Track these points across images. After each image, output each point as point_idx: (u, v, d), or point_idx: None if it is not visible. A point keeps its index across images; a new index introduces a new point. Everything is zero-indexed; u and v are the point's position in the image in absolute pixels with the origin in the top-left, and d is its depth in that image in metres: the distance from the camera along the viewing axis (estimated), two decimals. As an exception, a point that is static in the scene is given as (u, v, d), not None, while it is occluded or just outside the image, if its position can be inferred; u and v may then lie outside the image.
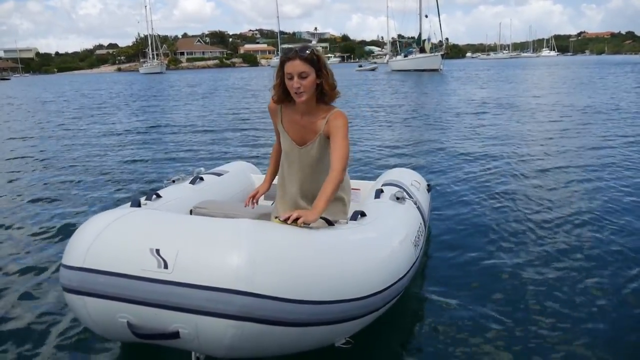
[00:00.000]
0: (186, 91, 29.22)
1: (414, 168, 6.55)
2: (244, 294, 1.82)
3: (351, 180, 4.16)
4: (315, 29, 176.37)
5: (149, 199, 3.04)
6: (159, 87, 34.73)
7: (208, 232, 2.02)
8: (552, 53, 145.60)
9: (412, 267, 2.70)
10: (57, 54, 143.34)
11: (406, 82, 30.99)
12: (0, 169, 7.81)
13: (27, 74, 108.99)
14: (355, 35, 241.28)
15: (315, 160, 2.65)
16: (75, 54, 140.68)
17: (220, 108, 17.63)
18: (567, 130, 10.14)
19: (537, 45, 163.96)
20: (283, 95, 2.55)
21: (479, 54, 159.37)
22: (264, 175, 3.49)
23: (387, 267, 2.41)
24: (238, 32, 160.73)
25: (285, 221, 2.21)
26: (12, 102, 25.31)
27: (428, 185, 4.08)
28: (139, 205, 2.77)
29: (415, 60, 49.43)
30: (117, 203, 5.28)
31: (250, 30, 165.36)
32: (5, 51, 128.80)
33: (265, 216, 3.04)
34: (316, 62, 2.43)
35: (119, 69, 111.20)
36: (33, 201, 5.71)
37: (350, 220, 2.70)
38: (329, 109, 2.58)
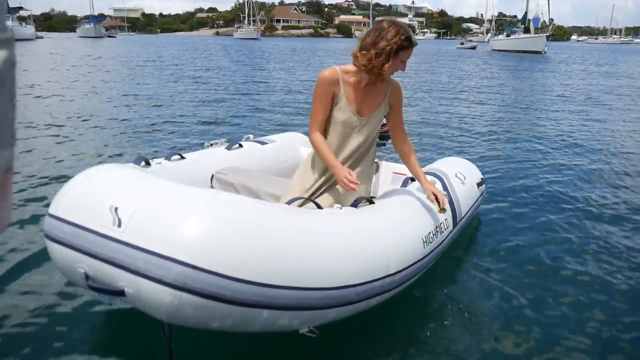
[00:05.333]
0: (291, 57, 29.64)
1: (486, 157, 6.23)
2: (181, 263, 1.78)
3: (399, 165, 3.77)
4: (413, 2, 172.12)
5: (168, 159, 3.04)
6: (259, 50, 35.52)
7: (170, 197, 2.02)
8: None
9: (412, 265, 2.46)
10: (160, 14, 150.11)
11: (508, 63, 29.63)
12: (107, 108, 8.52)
13: (132, 33, 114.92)
14: (453, 11, 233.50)
15: (374, 130, 2.64)
16: (177, 16, 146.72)
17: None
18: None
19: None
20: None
21: (586, 37, 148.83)
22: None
23: (368, 260, 2.22)
24: (334, 2, 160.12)
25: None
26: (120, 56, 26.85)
27: (481, 179, 3.77)
28: (147, 164, 2.85)
29: (518, 40, 47.12)
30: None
31: (347, 1, 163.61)
32: (115, 10, 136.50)
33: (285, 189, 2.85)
34: None
35: (217, 33, 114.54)
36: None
37: (351, 206, 2.54)
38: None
